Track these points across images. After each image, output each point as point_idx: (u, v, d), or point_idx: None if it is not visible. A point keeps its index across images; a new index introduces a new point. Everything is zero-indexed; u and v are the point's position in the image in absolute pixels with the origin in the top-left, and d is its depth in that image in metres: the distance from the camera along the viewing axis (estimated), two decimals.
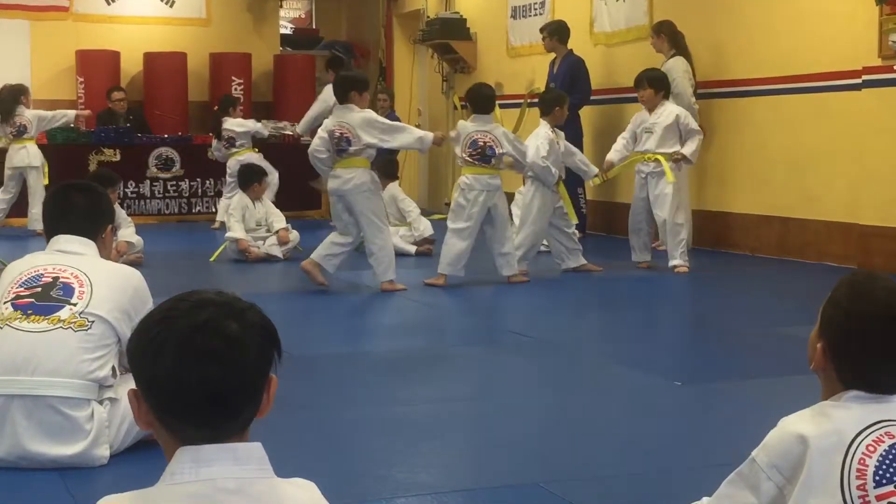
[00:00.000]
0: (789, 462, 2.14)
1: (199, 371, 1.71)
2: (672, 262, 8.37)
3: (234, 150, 11.66)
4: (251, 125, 11.95)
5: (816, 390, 2.29)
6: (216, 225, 11.65)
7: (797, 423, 2.17)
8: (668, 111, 8.51)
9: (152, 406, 1.77)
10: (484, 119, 8.05)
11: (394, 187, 10.17)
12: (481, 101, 8.09)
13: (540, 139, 8.35)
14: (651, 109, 8.58)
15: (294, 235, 9.63)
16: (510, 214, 8.43)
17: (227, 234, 9.35)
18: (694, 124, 8.55)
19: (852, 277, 2.25)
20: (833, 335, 2.19)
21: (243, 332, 1.76)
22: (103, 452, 3.65)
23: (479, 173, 7.92)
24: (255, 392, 1.78)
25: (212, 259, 9.21)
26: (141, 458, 3.69)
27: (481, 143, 7.93)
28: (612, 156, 8.71)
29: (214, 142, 12.09)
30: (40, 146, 11.67)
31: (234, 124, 11.79)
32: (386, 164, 10.31)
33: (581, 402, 4.73)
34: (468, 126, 8.02)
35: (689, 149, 8.42)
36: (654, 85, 8.59)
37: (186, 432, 1.76)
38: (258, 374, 1.78)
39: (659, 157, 8.42)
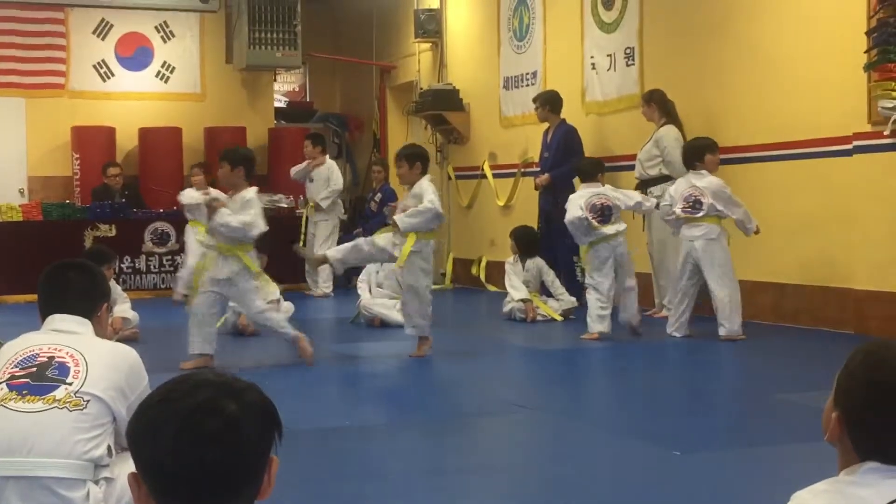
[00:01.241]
0: None
1: (197, 452, 1.70)
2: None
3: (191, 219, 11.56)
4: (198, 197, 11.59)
5: (818, 458, 2.27)
6: (177, 297, 11.01)
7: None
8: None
9: (151, 489, 1.76)
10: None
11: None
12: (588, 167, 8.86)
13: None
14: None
15: (287, 306, 9.61)
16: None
17: (231, 305, 9.30)
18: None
19: (868, 346, 2.22)
20: (849, 405, 2.15)
21: (242, 412, 1.75)
22: None
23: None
24: (255, 473, 1.77)
25: None
26: None
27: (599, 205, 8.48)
28: None
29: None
30: (35, 222, 11.67)
31: (185, 196, 11.65)
32: None
33: (580, 473, 4.70)
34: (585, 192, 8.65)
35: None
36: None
37: None
38: (258, 455, 1.76)
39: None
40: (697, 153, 8.60)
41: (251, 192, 7.41)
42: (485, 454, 5.21)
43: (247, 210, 7.33)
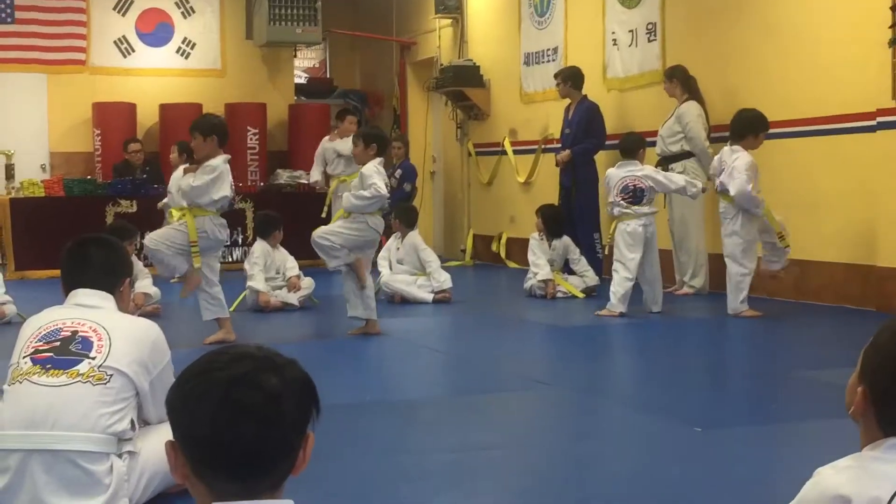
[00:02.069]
0: None
1: (235, 424, 1.71)
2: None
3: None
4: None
5: (840, 435, 2.26)
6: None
7: (836, 480, 2.10)
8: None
9: (189, 458, 1.76)
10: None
11: (414, 236, 10.17)
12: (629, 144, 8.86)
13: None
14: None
15: (306, 282, 9.64)
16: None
17: (249, 284, 9.34)
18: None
19: (895, 323, 2.22)
20: (875, 380, 2.14)
21: (282, 386, 1.75)
22: None
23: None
24: (292, 448, 1.77)
25: (231, 309, 9.20)
26: None
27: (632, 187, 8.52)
28: None
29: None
30: (57, 198, 11.72)
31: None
32: (406, 212, 10.34)
33: (601, 450, 4.70)
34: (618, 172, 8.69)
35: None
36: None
37: (220, 486, 1.75)
38: (295, 430, 1.77)
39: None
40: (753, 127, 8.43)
41: (218, 160, 7.33)
42: (506, 430, 5.21)
43: (202, 176, 7.28)
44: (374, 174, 7.56)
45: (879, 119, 8.35)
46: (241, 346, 1.83)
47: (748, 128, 8.39)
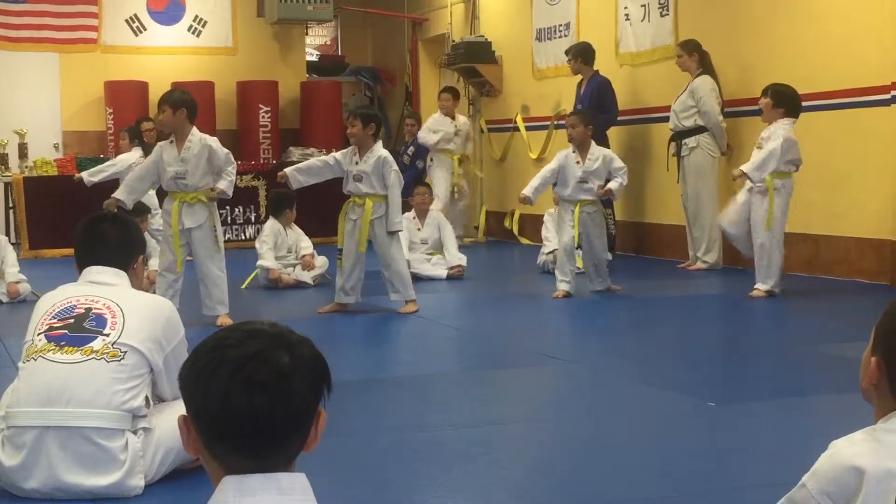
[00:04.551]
0: (843, 491, 2.08)
1: (247, 400, 1.72)
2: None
3: None
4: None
5: (853, 409, 2.26)
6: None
7: (851, 452, 2.11)
8: (782, 127, 8.00)
9: (201, 433, 1.78)
10: None
11: (439, 215, 10.26)
12: None
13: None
14: (769, 121, 8.14)
15: (320, 261, 9.66)
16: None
17: (259, 262, 9.37)
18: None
19: None
20: (889, 351, 2.14)
21: (294, 364, 1.76)
22: (138, 482, 3.65)
23: None
24: (303, 425, 1.78)
25: (243, 286, 9.24)
26: (176, 488, 3.70)
27: None
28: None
29: None
30: (69, 176, 11.73)
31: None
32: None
33: (615, 425, 4.70)
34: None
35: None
36: (775, 98, 8.08)
37: (232, 461, 1.76)
38: (306, 407, 1.78)
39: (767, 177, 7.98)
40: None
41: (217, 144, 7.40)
42: (519, 406, 5.22)
43: (229, 172, 7.38)
44: (394, 163, 7.74)
45: (894, 93, 8.30)
46: (254, 322, 1.83)
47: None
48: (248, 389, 1.72)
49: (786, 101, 8.03)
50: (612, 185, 8.37)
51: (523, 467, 4.09)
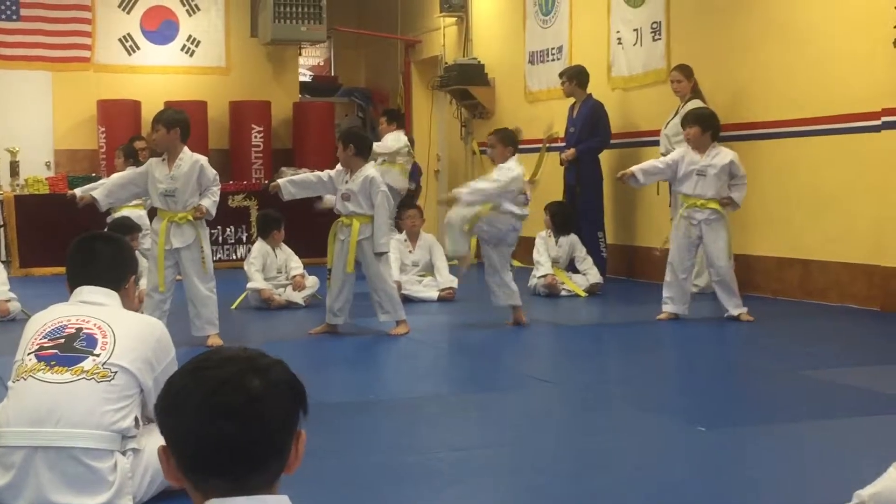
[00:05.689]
0: None
1: (216, 427, 1.73)
2: (737, 311, 8.20)
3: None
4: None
5: (843, 435, 2.26)
6: None
7: None
8: (723, 154, 8.08)
9: (178, 461, 1.78)
10: None
11: (431, 238, 10.28)
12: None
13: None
14: (701, 150, 8.12)
15: (311, 281, 9.65)
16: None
17: (249, 285, 9.37)
18: (742, 169, 8.15)
19: None
20: None
21: (266, 388, 1.77)
22: (126, 503, 3.63)
23: None
24: (281, 447, 1.78)
25: (233, 307, 9.23)
26: None
27: None
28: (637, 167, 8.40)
29: None
30: (61, 195, 11.70)
31: None
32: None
33: (605, 449, 4.70)
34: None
35: (738, 195, 8.10)
36: (702, 123, 8.14)
37: (213, 486, 1.76)
38: (282, 430, 1.78)
39: (715, 204, 8.06)
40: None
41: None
42: (509, 429, 5.21)
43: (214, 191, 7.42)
44: (382, 182, 7.81)
45: (885, 119, 8.34)
46: (228, 348, 1.85)
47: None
48: (216, 416, 1.73)
49: (713, 126, 8.19)
50: None
51: (512, 491, 4.08)
